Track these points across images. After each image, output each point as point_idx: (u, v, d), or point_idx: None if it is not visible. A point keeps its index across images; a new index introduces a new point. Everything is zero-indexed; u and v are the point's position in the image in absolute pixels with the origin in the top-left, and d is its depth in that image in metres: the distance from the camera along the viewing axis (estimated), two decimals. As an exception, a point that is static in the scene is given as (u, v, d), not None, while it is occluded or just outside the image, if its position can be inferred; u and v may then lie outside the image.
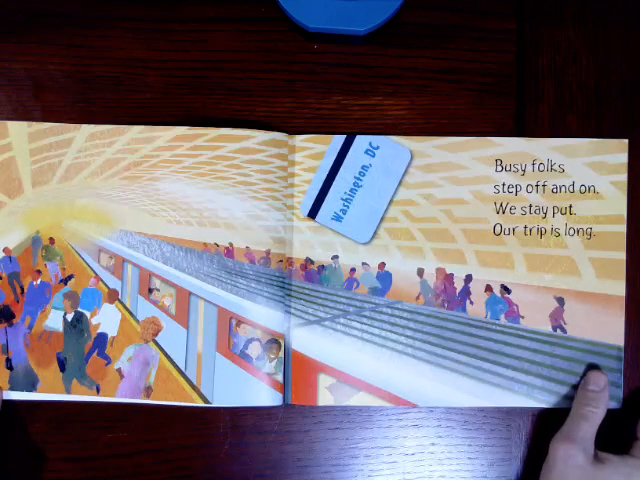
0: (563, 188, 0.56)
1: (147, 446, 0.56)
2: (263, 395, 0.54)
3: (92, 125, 0.56)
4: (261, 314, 0.55)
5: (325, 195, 0.56)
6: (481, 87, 0.57)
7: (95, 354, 0.55)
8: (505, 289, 0.56)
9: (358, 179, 0.56)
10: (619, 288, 0.55)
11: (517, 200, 0.56)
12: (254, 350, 0.54)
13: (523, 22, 0.57)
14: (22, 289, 0.56)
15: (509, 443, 0.56)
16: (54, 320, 0.56)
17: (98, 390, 0.55)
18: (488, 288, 0.56)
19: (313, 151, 0.56)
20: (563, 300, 0.55)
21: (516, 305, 0.56)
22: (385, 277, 0.56)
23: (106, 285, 0.56)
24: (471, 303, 0.56)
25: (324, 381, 0.55)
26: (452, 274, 0.56)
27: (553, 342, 0.55)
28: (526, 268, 0.56)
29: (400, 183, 0.56)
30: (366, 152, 0.56)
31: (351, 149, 0.56)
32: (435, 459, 0.56)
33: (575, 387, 0.54)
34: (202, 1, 0.57)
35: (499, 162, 0.56)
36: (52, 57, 0.57)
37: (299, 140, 0.56)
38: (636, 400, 0.56)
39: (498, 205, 0.56)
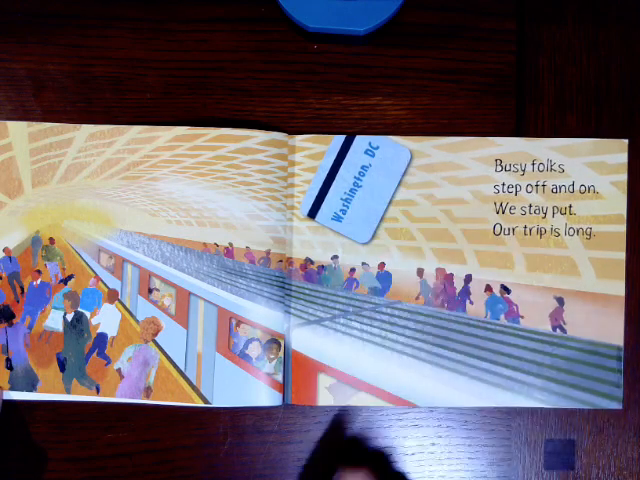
0: (563, 188, 0.56)
1: (147, 446, 0.56)
2: (263, 395, 0.54)
3: (92, 125, 0.56)
4: (261, 314, 0.55)
5: (325, 195, 0.56)
6: (481, 87, 0.57)
7: (95, 354, 0.55)
8: (505, 289, 0.56)
9: (358, 179, 0.56)
10: (619, 288, 0.55)
11: (517, 200, 0.56)
12: (254, 350, 0.54)
13: (523, 22, 0.57)
14: (22, 289, 0.56)
15: (509, 443, 0.56)
16: (54, 320, 0.56)
17: (98, 390, 0.55)
18: (488, 288, 0.56)
19: (313, 151, 0.56)
20: (563, 300, 0.55)
21: (516, 305, 0.56)
22: (385, 277, 0.56)
23: (106, 285, 0.56)
24: (471, 303, 0.56)
25: (324, 381, 0.55)
26: (452, 274, 0.56)
27: (553, 342, 0.55)
28: (526, 268, 0.56)
29: (400, 183, 0.56)
30: (366, 152, 0.56)
31: (351, 149, 0.56)
32: (435, 459, 0.56)
33: (575, 387, 0.54)
34: (202, 1, 0.57)
35: (499, 162, 0.56)
36: (52, 57, 0.57)
37: (299, 140, 0.56)
38: (636, 400, 0.56)
39: (498, 205, 0.56)
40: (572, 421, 0.56)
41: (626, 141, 0.56)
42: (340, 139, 0.56)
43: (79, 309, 0.56)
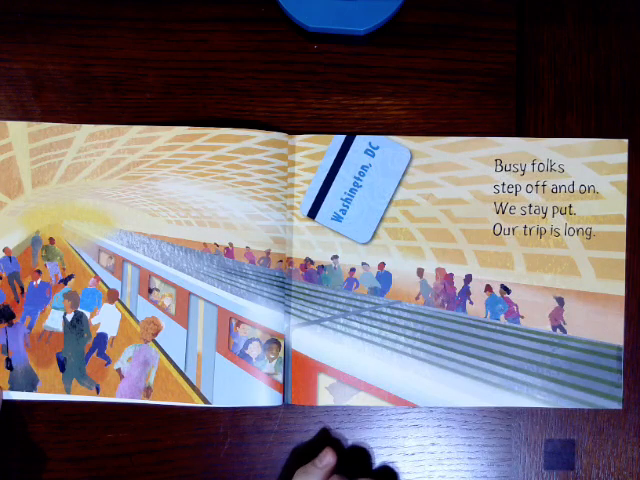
0: (563, 188, 0.56)
1: (147, 446, 0.56)
2: (263, 395, 0.54)
3: (92, 125, 0.56)
4: (261, 314, 0.55)
5: (325, 195, 0.56)
6: (481, 87, 0.57)
7: (95, 354, 0.55)
8: (505, 289, 0.56)
9: (358, 179, 0.56)
10: (619, 288, 0.55)
11: (517, 200, 0.56)
12: (254, 350, 0.54)
13: (523, 22, 0.57)
14: (22, 289, 0.56)
15: (509, 443, 0.56)
16: (54, 320, 0.56)
17: (98, 390, 0.55)
18: (488, 288, 0.56)
19: (313, 151, 0.56)
20: (563, 300, 0.55)
21: (516, 305, 0.56)
22: (385, 277, 0.56)
23: (106, 285, 0.56)
24: (471, 303, 0.56)
25: (324, 381, 0.55)
26: (452, 274, 0.56)
27: (553, 342, 0.55)
28: (526, 268, 0.56)
29: (400, 183, 0.56)
30: (366, 152, 0.56)
31: (351, 149, 0.56)
32: (435, 459, 0.56)
33: (575, 387, 0.54)
34: (202, 1, 0.57)
35: (499, 162, 0.56)
36: (52, 57, 0.57)
37: (299, 140, 0.56)
38: (636, 400, 0.56)
39: (498, 205, 0.56)
40: (572, 421, 0.56)
41: (626, 141, 0.56)
42: (340, 139, 0.56)
43: (79, 309, 0.56)
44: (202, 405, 0.54)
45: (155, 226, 0.56)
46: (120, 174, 0.56)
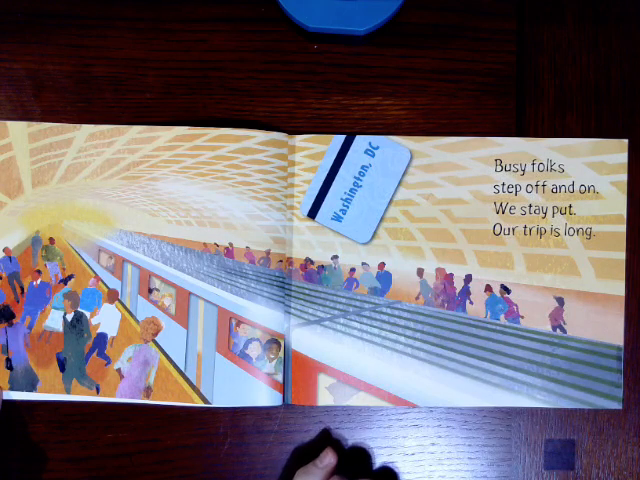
0: (563, 188, 0.56)
1: (147, 446, 0.56)
2: (263, 395, 0.54)
3: (92, 125, 0.56)
4: (261, 314, 0.55)
5: (325, 195, 0.56)
6: (481, 87, 0.57)
7: (95, 354, 0.55)
8: (505, 289, 0.56)
9: (358, 179, 0.56)
10: (619, 288, 0.55)
11: (517, 200, 0.56)
12: (254, 350, 0.54)
13: (523, 22, 0.57)
14: (22, 289, 0.56)
15: (509, 443, 0.56)
16: (54, 320, 0.56)
17: (98, 390, 0.55)
18: (488, 288, 0.56)
19: (313, 151, 0.56)
20: (563, 300, 0.55)
21: (516, 305, 0.56)
22: (385, 277, 0.56)
23: (106, 285, 0.56)
24: (471, 303, 0.56)
25: (324, 381, 0.55)
26: (452, 274, 0.56)
27: (553, 342, 0.55)
28: (526, 268, 0.56)
29: (400, 183, 0.56)
30: (366, 152, 0.56)
31: (351, 149, 0.56)
32: (435, 459, 0.56)
33: (575, 387, 0.54)
34: (202, 1, 0.57)
35: (499, 162, 0.56)
36: (52, 57, 0.57)
37: (299, 140, 0.56)
38: (636, 400, 0.56)
39: (498, 205, 0.56)
40: (572, 421, 0.56)
41: (626, 141, 0.56)
42: (340, 139, 0.56)
43: (79, 309, 0.56)
44: (202, 405, 0.54)
45: (155, 226, 0.56)
46: (120, 174, 0.56)
